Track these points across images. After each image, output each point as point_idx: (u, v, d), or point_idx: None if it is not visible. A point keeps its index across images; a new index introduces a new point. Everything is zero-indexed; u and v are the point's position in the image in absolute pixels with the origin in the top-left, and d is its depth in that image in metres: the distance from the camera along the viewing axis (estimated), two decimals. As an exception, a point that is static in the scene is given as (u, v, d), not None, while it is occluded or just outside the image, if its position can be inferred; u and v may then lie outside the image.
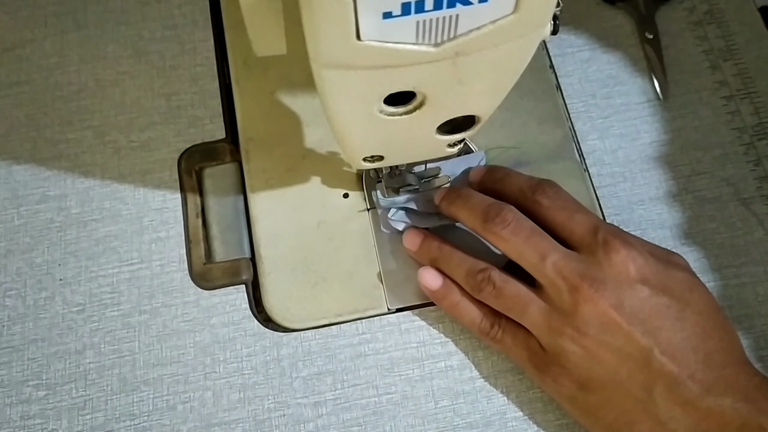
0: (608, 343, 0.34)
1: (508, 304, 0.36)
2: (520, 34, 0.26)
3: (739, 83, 0.46)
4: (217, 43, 0.48)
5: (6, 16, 0.49)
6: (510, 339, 0.37)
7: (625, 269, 0.34)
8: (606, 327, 0.34)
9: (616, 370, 0.34)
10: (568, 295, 0.34)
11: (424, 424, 0.38)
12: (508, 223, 0.36)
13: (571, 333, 0.34)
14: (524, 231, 0.36)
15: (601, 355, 0.34)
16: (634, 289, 0.34)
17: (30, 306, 0.41)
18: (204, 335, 0.40)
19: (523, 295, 0.36)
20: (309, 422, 0.38)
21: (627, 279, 0.34)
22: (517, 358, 0.37)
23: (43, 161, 0.45)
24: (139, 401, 0.39)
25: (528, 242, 0.36)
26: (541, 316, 0.35)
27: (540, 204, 0.37)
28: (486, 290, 0.37)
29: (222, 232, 0.43)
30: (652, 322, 0.33)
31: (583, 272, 0.34)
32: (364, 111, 0.29)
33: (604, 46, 0.47)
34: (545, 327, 0.35)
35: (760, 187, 0.43)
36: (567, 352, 0.34)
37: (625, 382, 0.34)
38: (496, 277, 0.36)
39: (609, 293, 0.34)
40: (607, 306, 0.33)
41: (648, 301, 0.34)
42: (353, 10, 0.22)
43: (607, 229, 0.35)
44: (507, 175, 0.40)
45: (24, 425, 0.39)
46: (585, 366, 0.34)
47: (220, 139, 0.45)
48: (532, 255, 0.35)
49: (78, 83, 0.47)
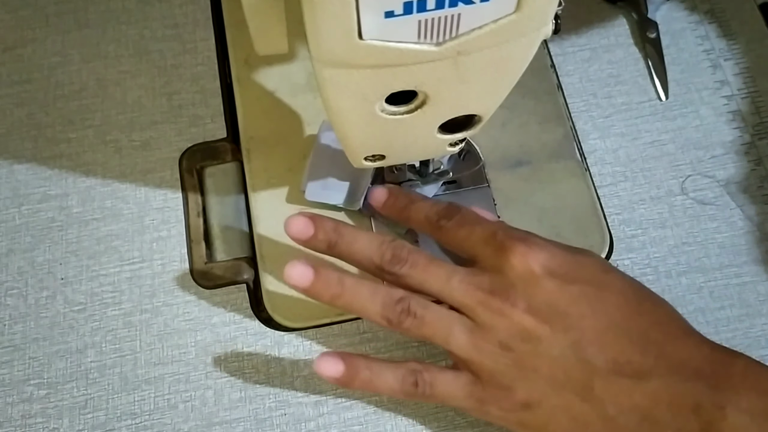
0: (534, 351, 0.32)
1: (432, 331, 0.34)
2: (521, 33, 0.26)
3: (739, 82, 0.46)
4: (219, 42, 0.48)
5: (7, 15, 0.49)
6: (441, 386, 0.34)
7: (527, 267, 0.32)
8: (526, 335, 0.32)
9: (552, 376, 0.32)
10: (482, 313, 0.33)
11: (424, 423, 0.38)
12: (405, 261, 0.34)
13: (497, 350, 0.32)
14: (420, 262, 0.34)
15: (532, 365, 0.32)
16: (541, 285, 0.32)
17: (31, 305, 0.41)
18: (205, 334, 0.40)
19: (445, 318, 0.34)
20: (310, 421, 0.39)
21: (532, 277, 0.32)
22: (455, 401, 0.34)
23: (45, 160, 0.45)
24: (141, 400, 0.39)
25: (426, 272, 0.34)
26: (465, 336, 0.33)
27: (442, 228, 0.36)
28: (407, 322, 0.34)
29: (223, 231, 0.43)
30: (570, 313, 0.32)
31: (486, 286, 0.33)
32: (366, 110, 0.29)
33: (605, 46, 0.47)
34: (472, 347, 0.33)
35: (761, 187, 0.43)
36: (499, 371, 0.32)
37: (565, 386, 0.32)
38: (415, 306, 0.34)
39: (518, 299, 0.32)
40: (520, 313, 0.32)
41: (560, 293, 0.32)
42: (355, 9, 0.23)
43: (505, 233, 0.34)
44: (411, 202, 0.38)
45: (25, 424, 0.39)
46: (521, 381, 0.32)
47: (222, 139, 0.45)
48: (433, 284, 0.34)
49: (79, 82, 0.47)
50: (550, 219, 0.42)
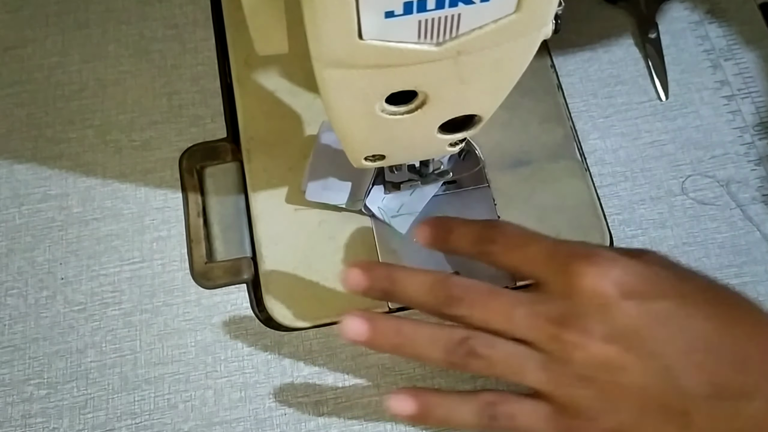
0: (620, 382, 0.29)
1: (503, 370, 0.31)
2: (521, 33, 0.26)
3: (740, 82, 0.46)
4: (219, 43, 0.48)
5: (7, 15, 0.49)
6: (522, 418, 0.31)
7: (601, 291, 0.29)
8: (608, 366, 0.29)
9: (642, 406, 0.29)
10: (555, 346, 0.30)
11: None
12: (461, 300, 0.31)
13: (577, 383, 0.29)
14: (479, 299, 0.31)
15: (618, 395, 0.29)
16: (619, 308, 0.29)
17: (31, 305, 0.41)
18: (205, 334, 0.40)
19: (515, 356, 0.31)
20: (310, 421, 0.39)
21: (608, 301, 0.29)
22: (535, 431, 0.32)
23: (45, 160, 0.45)
24: (141, 400, 0.39)
25: (487, 309, 0.31)
26: (540, 372, 0.30)
27: (490, 254, 0.34)
28: (473, 364, 0.31)
29: (223, 231, 0.43)
30: (655, 336, 0.29)
31: (555, 315, 0.30)
32: (366, 110, 0.29)
33: (605, 46, 0.47)
34: (549, 382, 0.30)
35: (761, 187, 0.43)
36: (582, 403, 0.30)
37: (657, 414, 0.29)
38: (479, 346, 0.31)
39: (593, 327, 0.29)
40: (597, 343, 0.29)
41: (641, 314, 0.29)
42: (355, 9, 0.23)
43: (566, 249, 0.31)
44: (450, 231, 0.36)
45: (25, 424, 0.39)
46: (609, 412, 0.30)
47: (222, 139, 0.45)
48: (497, 321, 0.31)
49: (79, 82, 0.47)
50: (550, 219, 0.42)
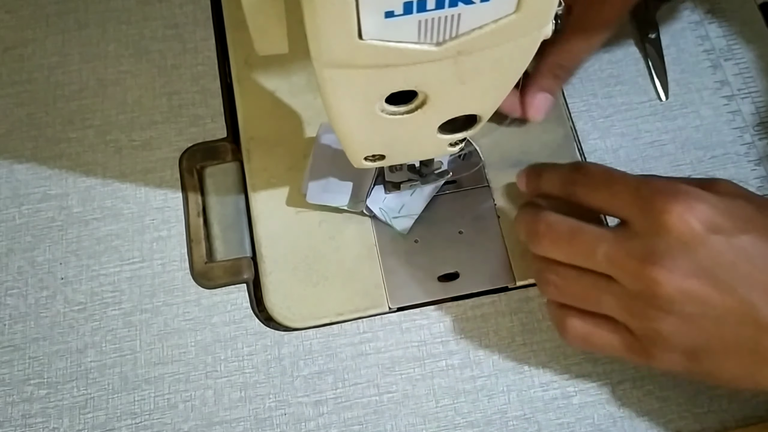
0: (700, 313, 0.31)
1: (581, 296, 0.34)
2: (521, 33, 0.26)
3: (740, 82, 0.46)
4: (219, 43, 0.48)
5: (7, 15, 0.49)
6: (598, 339, 0.34)
7: (688, 227, 0.30)
8: (690, 299, 0.30)
9: (720, 335, 0.31)
10: (636, 281, 0.31)
11: (425, 423, 0.38)
12: (543, 236, 0.34)
13: (657, 314, 0.31)
14: (562, 236, 0.34)
15: (697, 325, 0.31)
16: (705, 245, 0.30)
17: (31, 305, 0.41)
18: (205, 334, 0.40)
19: (595, 287, 0.33)
20: (310, 421, 0.39)
21: (693, 237, 0.30)
22: (614, 353, 0.34)
23: (45, 160, 0.45)
24: (141, 400, 0.39)
25: (571, 245, 0.33)
26: (618, 303, 0.32)
27: (577, 195, 0.35)
28: (550, 291, 0.35)
29: (223, 231, 0.43)
30: (739, 270, 0.30)
31: (640, 252, 0.31)
32: (366, 110, 0.29)
33: (606, 46, 0.47)
34: (628, 314, 0.32)
35: (761, 187, 0.43)
36: (660, 333, 0.31)
37: (734, 342, 0.31)
38: (558, 279, 0.34)
39: (679, 262, 0.30)
40: (681, 278, 0.30)
41: (728, 249, 0.30)
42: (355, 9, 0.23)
43: (650, 187, 0.32)
44: (539, 175, 0.38)
45: (26, 424, 0.39)
46: (686, 339, 0.31)
47: (222, 138, 0.45)
48: (581, 257, 0.33)
49: (79, 82, 0.47)
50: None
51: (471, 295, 0.41)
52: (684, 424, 0.38)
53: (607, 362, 0.39)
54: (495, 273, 0.41)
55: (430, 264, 0.42)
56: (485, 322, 0.40)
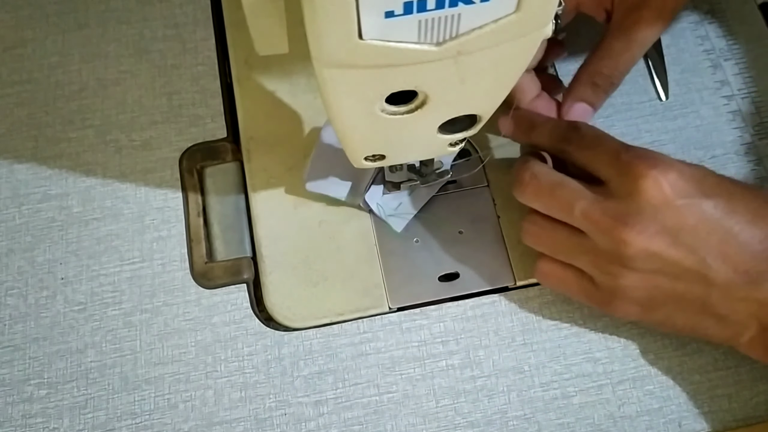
0: (659, 271, 0.34)
1: (555, 247, 0.37)
2: (521, 33, 0.26)
3: (739, 82, 0.46)
4: (219, 42, 0.48)
5: (7, 15, 0.49)
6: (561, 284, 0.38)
7: (659, 191, 0.33)
8: (652, 258, 0.33)
9: (675, 290, 0.34)
10: (606, 239, 0.34)
11: (425, 423, 0.38)
12: (527, 185, 0.36)
13: (621, 270, 0.34)
14: (544, 187, 0.36)
15: (656, 281, 0.34)
16: (674, 207, 0.33)
17: (31, 305, 0.41)
18: (205, 334, 0.40)
19: (569, 240, 0.36)
20: (310, 421, 0.39)
21: (664, 200, 0.33)
22: (574, 297, 0.38)
23: (45, 160, 0.45)
24: (141, 400, 0.39)
25: (552, 197, 0.36)
26: (588, 258, 0.35)
27: (565, 152, 0.37)
28: (527, 239, 0.38)
29: (223, 231, 0.43)
30: (699, 232, 0.33)
31: (613, 212, 0.33)
32: (366, 110, 0.29)
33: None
34: (595, 268, 0.35)
35: (762, 187, 0.43)
36: (622, 287, 0.34)
37: (685, 295, 0.34)
38: (534, 224, 0.37)
39: (646, 225, 0.33)
40: (647, 239, 0.33)
41: (692, 213, 0.33)
42: (355, 10, 0.23)
43: (630, 153, 0.34)
44: (532, 127, 0.40)
45: (26, 424, 0.39)
46: (642, 292, 0.34)
47: (222, 138, 0.45)
48: (559, 209, 0.35)
49: (79, 82, 0.47)
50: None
51: (471, 295, 0.41)
52: (684, 423, 0.38)
53: (607, 362, 0.39)
54: (495, 273, 0.41)
55: (430, 264, 0.42)
56: (485, 322, 0.40)
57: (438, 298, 0.41)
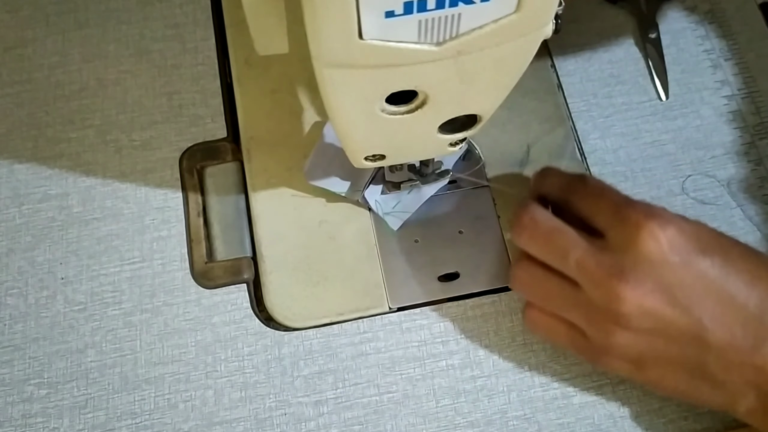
0: (653, 330, 0.33)
1: (545, 297, 0.36)
2: (522, 33, 0.26)
3: (740, 82, 0.46)
4: (219, 42, 0.48)
5: (7, 15, 0.49)
6: (553, 335, 0.37)
7: (657, 246, 0.32)
8: (647, 316, 0.32)
9: (668, 350, 0.33)
10: (600, 292, 0.33)
11: (425, 423, 0.38)
12: (525, 228, 0.35)
13: (614, 328, 0.33)
14: (542, 232, 0.35)
15: (649, 340, 0.33)
16: (670, 264, 0.32)
17: (31, 305, 0.41)
18: (205, 334, 0.40)
19: (561, 290, 0.35)
20: (310, 421, 0.39)
21: (660, 256, 0.32)
22: (566, 348, 0.37)
23: (45, 160, 0.45)
24: (141, 400, 0.39)
25: (548, 242, 0.35)
26: (580, 312, 0.34)
27: (570, 202, 0.37)
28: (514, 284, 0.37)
29: (223, 230, 0.43)
30: (695, 292, 0.32)
31: (609, 266, 0.32)
32: (366, 110, 0.29)
33: (606, 46, 0.47)
34: (587, 322, 0.34)
35: (762, 187, 0.43)
36: (613, 344, 0.33)
37: (678, 357, 0.33)
38: (526, 272, 0.36)
39: (641, 281, 0.32)
40: (642, 296, 0.32)
41: (688, 271, 0.32)
42: (355, 9, 0.23)
43: (631, 205, 0.34)
44: (544, 177, 0.39)
45: (26, 423, 0.39)
46: (634, 351, 0.33)
47: (222, 138, 0.45)
48: (554, 256, 0.34)
49: (79, 82, 0.47)
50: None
51: (471, 295, 0.41)
52: (684, 424, 0.38)
53: (607, 362, 0.39)
54: (495, 273, 0.41)
55: (430, 264, 0.42)
56: (485, 322, 0.40)
57: (438, 298, 0.41)
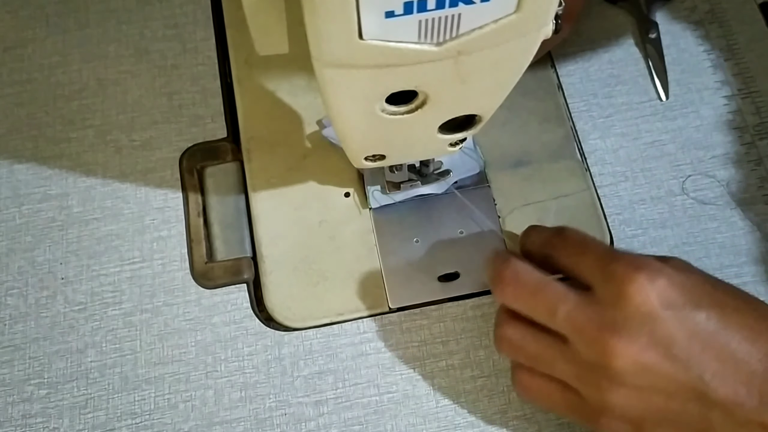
0: (651, 387, 0.31)
1: (535, 357, 0.34)
2: (522, 33, 0.26)
3: (740, 83, 0.46)
4: (219, 42, 0.48)
5: (8, 15, 0.49)
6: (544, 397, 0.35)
7: (647, 300, 0.31)
8: (643, 372, 0.31)
9: (668, 409, 0.31)
10: (591, 349, 0.31)
11: (425, 423, 0.38)
12: (508, 283, 0.34)
13: (609, 385, 0.31)
14: (527, 287, 0.33)
15: (647, 398, 0.31)
16: (663, 319, 0.30)
17: (31, 305, 0.41)
18: (205, 334, 0.40)
19: (551, 348, 0.33)
20: (310, 421, 0.39)
21: (652, 310, 0.30)
22: (558, 412, 0.35)
23: (45, 160, 0.45)
24: (141, 400, 0.39)
25: (535, 297, 0.33)
26: (571, 370, 0.32)
27: (553, 257, 0.35)
28: (504, 349, 0.35)
29: (223, 231, 0.43)
30: (693, 346, 0.30)
31: (599, 320, 0.31)
32: (366, 110, 0.29)
33: (606, 46, 0.47)
34: (579, 381, 0.32)
35: (762, 187, 0.43)
36: (610, 403, 0.32)
37: (681, 416, 0.31)
38: (512, 334, 0.34)
39: (635, 335, 0.30)
40: (637, 351, 0.30)
41: (683, 326, 0.30)
42: (355, 9, 0.23)
43: (617, 258, 0.32)
44: (527, 235, 0.39)
45: (26, 423, 0.39)
46: (634, 410, 0.32)
47: (222, 138, 0.45)
48: (541, 311, 0.33)
49: (79, 82, 0.47)
50: (550, 219, 0.42)
51: (471, 295, 0.41)
52: (684, 424, 0.38)
53: (607, 362, 0.39)
54: None
55: (430, 264, 0.42)
56: (485, 322, 0.40)
57: (438, 298, 0.41)
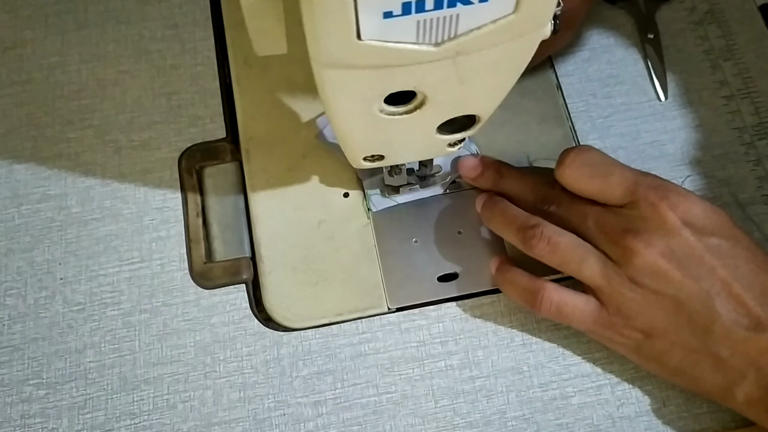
0: (664, 292, 0.34)
1: (565, 258, 0.36)
2: (520, 33, 0.26)
3: (739, 83, 0.46)
4: (218, 43, 0.48)
5: (7, 15, 0.49)
6: (569, 308, 0.37)
7: (670, 216, 0.34)
8: (658, 276, 0.34)
9: (676, 315, 0.34)
10: (617, 248, 0.35)
11: (423, 423, 0.38)
12: (552, 201, 0.38)
13: (628, 283, 0.35)
14: (564, 201, 0.38)
15: (659, 303, 0.34)
16: (682, 235, 0.34)
17: (30, 305, 0.41)
18: (204, 334, 0.40)
19: (580, 248, 0.36)
20: (309, 421, 0.39)
21: (673, 226, 0.34)
22: (580, 325, 0.37)
23: (44, 160, 0.45)
24: (140, 400, 0.39)
25: (568, 210, 0.37)
26: (598, 267, 0.35)
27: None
28: (539, 247, 0.37)
29: (222, 231, 0.43)
30: (704, 263, 0.34)
31: (623, 226, 0.35)
32: (365, 110, 0.29)
33: (605, 46, 0.47)
34: (604, 278, 0.35)
35: (761, 187, 0.43)
36: (627, 300, 0.35)
37: (686, 325, 0.34)
38: (549, 232, 0.36)
39: (656, 242, 0.34)
40: (654, 255, 0.34)
41: (699, 245, 0.34)
42: (354, 10, 0.23)
43: (646, 182, 0.36)
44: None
45: (24, 424, 0.39)
46: (646, 314, 0.35)
47: (221, 139, 0.45)
48: (573, 220, 0.37)
49: (78, 82, 0.47)
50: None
51: (471, 295, 0.41)
52: (683, 424, 0.38)
53: (606, 362, 0.39)
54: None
55: (429, 264, 0.42)
56: (484, 322, 0.40)
57: (437, 299, 0.41)
